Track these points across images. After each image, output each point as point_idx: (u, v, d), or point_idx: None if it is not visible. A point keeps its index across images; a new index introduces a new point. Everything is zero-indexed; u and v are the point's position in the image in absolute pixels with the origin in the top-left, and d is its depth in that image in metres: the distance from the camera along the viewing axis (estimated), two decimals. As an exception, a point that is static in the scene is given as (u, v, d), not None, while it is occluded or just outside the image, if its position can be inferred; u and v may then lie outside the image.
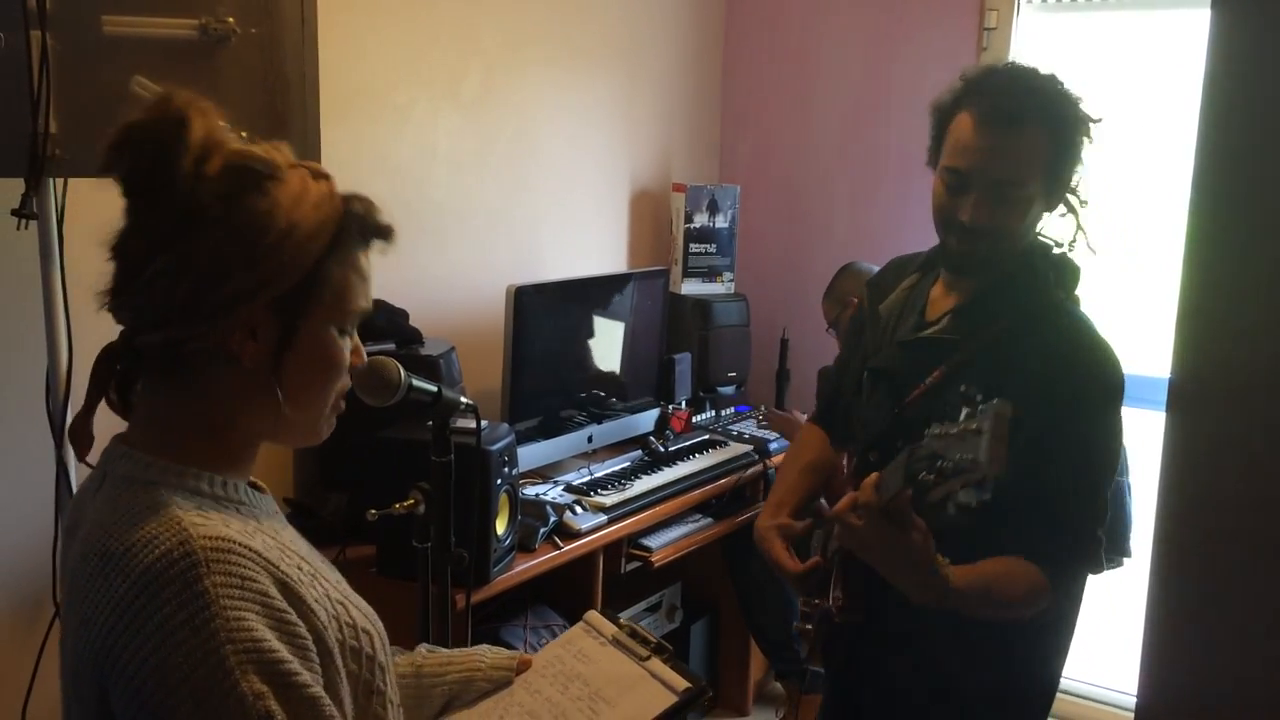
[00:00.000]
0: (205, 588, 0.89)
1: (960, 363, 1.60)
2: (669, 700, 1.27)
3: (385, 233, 1.05)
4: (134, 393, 1.04)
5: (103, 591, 0.91)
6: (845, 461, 1.99)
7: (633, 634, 1.37)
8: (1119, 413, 1.59)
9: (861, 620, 1.68)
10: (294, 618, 0.95)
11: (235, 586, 0.91)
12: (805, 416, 3.30)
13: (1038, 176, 1.57)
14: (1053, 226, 1.72)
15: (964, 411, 1.24)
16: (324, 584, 1.04)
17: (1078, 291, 1.69)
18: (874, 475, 1.38)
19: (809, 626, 1.74)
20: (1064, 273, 1.68)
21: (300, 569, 1.00)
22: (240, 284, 0.96)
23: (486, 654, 1.36)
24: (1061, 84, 1.62)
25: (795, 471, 2.00)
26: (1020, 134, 1.55)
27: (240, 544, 0.94)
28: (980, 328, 1.62)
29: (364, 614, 1.08)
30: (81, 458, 1.02)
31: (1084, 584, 1.70)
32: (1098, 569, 1.61)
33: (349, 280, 1.03)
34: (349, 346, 1.06)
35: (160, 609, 0.88)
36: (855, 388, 1.82)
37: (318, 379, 1.04)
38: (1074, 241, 1.68)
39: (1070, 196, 1.65)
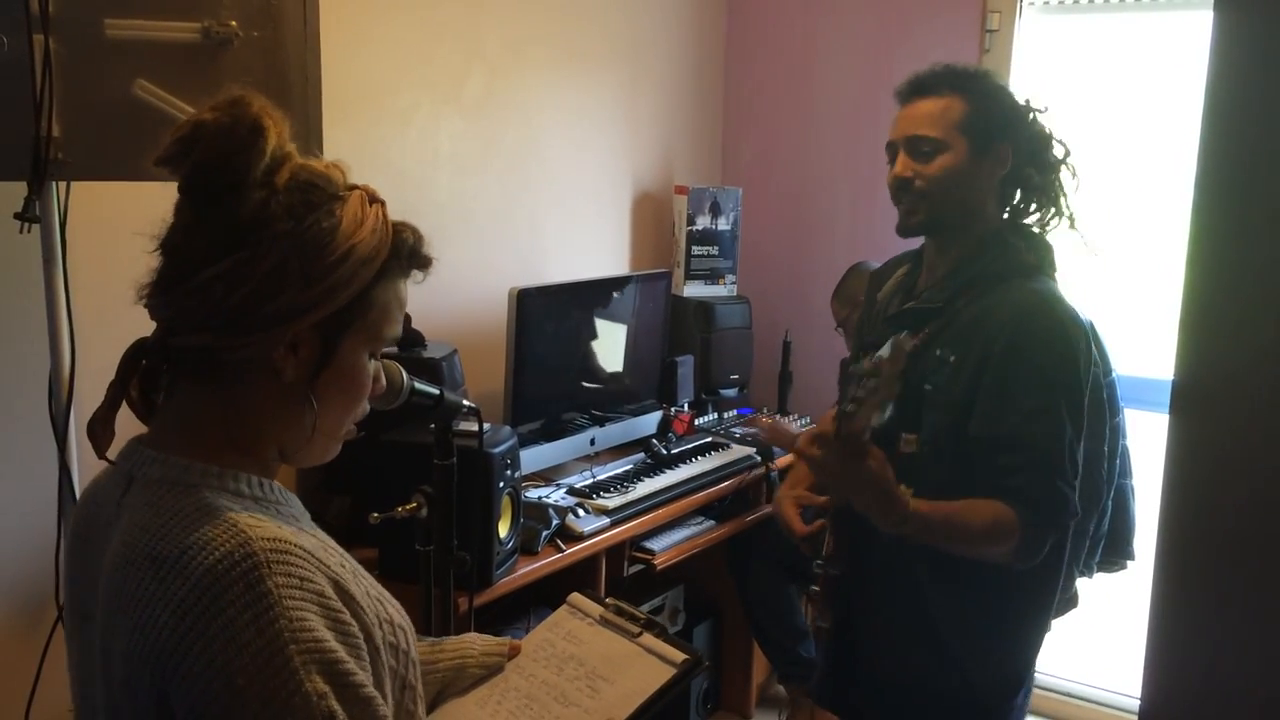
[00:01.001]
0: (269, 588, 0.90)
1: (938, 328, 1.79)
2: (668, 673, 1.28)
3: (426, 264, 1.08)
4: (156, 392, 1.03)
5: (159, 596, 0.91)
6: None
7: (619, 611, 1.37)
8: (1075, 366, 1.72)
9: (843, 570, 1.79)
10: (348, 617, 0.95)
11: (296, 587, 0.91)
12: (795, 420, 3.33)
13: (951, 130, 1.79)
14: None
15: (880, 349, 1.44)
16: (364, 581, 1.04)
17: (1051, 270, 1.86)
18: (833, 410, 1.53)
19: (817, 589, 1.82)
20: (1033, 246, 1.85)
21: (344, 566, 1.01)
22: (293, 300, 0.96)
23: (476, 641, 1.36)
24: (988, 74, 1.88)
25: None
26: (930, 99, 1.81)
27: (296, 544, 0.94)
28: (956, 295, 1.79)
29: (398, 610, 1.09)
30: (101, 454, 1.01)
31: (1060, 559, 1.81)
32: (1065, 526, 1.72)
33: (390, 307, 1.05)
34: (374, 372, 1.08)
35: (225, 611, 0.88)
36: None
37: (345, 401, 1.06)
38: (1046, 222, 1.88)
39: (1032, 173, 1.85)
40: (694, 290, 3.52)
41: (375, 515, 1.71)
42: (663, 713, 1.29)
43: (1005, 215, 1.90)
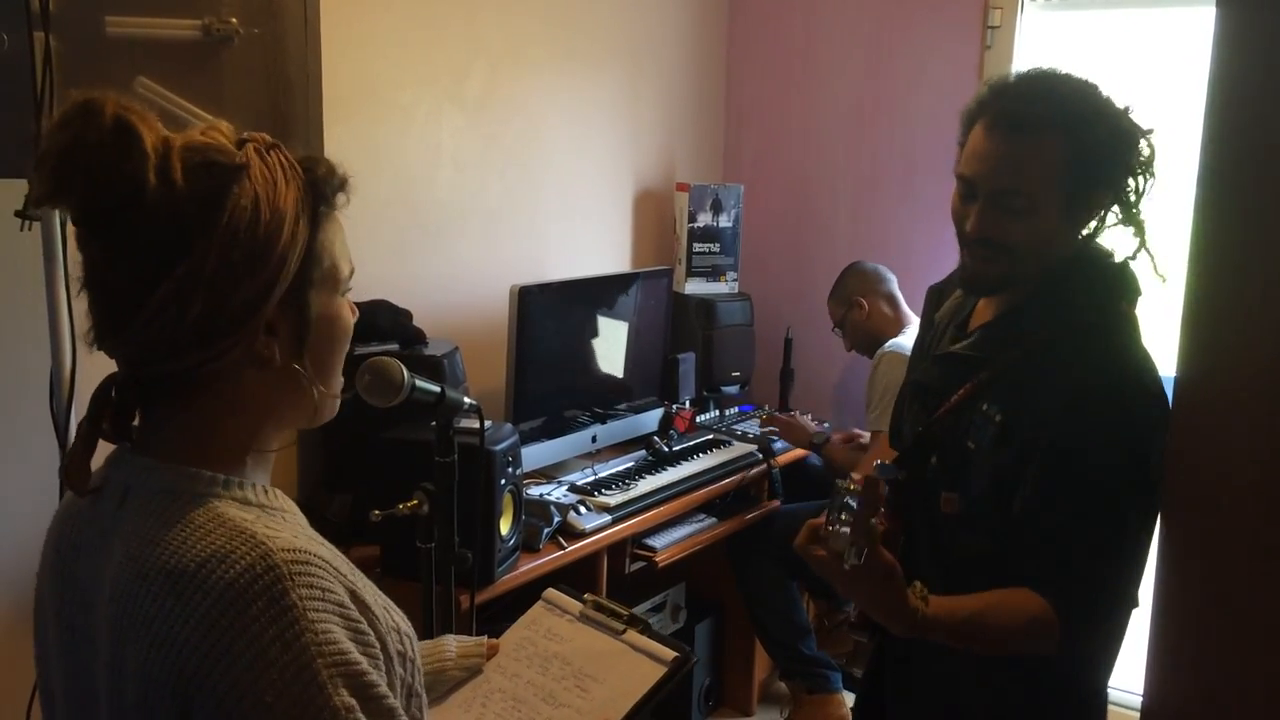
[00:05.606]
0: (293, 601, 0.87)
1: (984, 381, 1.55)
2: (659, 671, 1.25)
3: (345, 184, 1.01)
4: (130, 417, 0.99)
5: (177, 612, 0.87)
6: None
7: (599, 608, 1.34)
8: (1142, 445, 1.47)
9: (870, 638, 1.68)
10: (365, 626, 0.93)
11: (318, 599, 0.89)
12: (811, 419, 3.32)
13: (1047, 185, 1.49)
14: (1116, 238, 1.61)
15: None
16: (372, 589, 1.02)
17: (1130, 301, 1.58)
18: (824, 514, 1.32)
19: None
20: (1108, 285, 1.57)
21: (355, 575, 0.99)
22: (251, 289, 0.91)
23: (452, 643, 1.34)
24: (1094, 91, 1.56)
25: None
26: (1026, 141, 1.49)
27: (315, 554, 0.92)
28: (1006, 346, 1.55)
29: (403, 618, 1.06)
30: (82, 495, 0.98)
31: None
32: (1119, 617, 1.51)
33: (334, 245, 0.99)
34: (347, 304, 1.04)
35: (250, 626, 0.85)
36: (903, 400, 1.79)
37: (335, 350, 1.02)
38: (1133, 257, 1.58)
39: (1134, 211, 1.56)
40: (695, 287, 3.52)
41: (377, 513, 1.71)
42: (661, 710, 1.27)
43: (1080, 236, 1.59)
